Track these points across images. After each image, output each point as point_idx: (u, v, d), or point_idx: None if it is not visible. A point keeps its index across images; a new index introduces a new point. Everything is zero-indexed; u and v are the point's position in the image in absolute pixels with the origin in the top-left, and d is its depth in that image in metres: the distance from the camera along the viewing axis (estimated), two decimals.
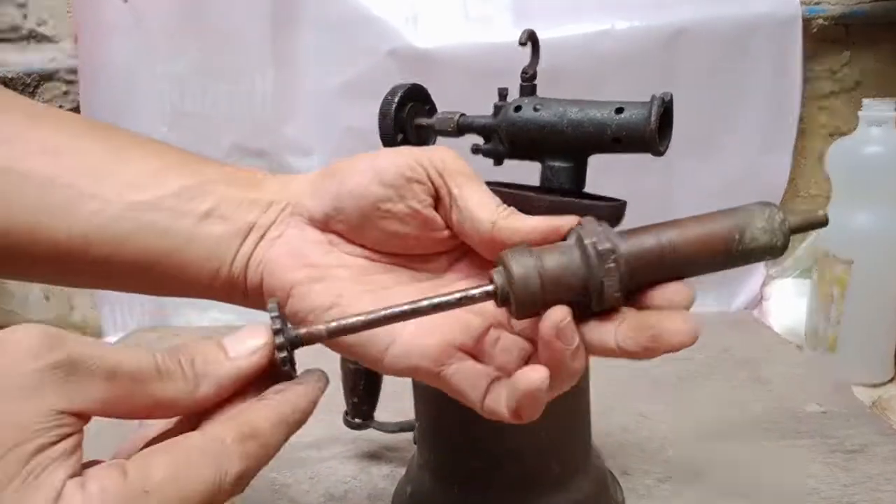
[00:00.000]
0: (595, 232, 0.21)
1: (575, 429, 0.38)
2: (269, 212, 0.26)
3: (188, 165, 0.26)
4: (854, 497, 0.42)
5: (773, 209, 0.22)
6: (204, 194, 0.25)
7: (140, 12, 0.76)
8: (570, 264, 0.21)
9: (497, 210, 0.24)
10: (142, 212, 0.25)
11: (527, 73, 0.36)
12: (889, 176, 0.64)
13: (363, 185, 0.24)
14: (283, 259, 0.25)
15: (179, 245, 0.25)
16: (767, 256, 0.22)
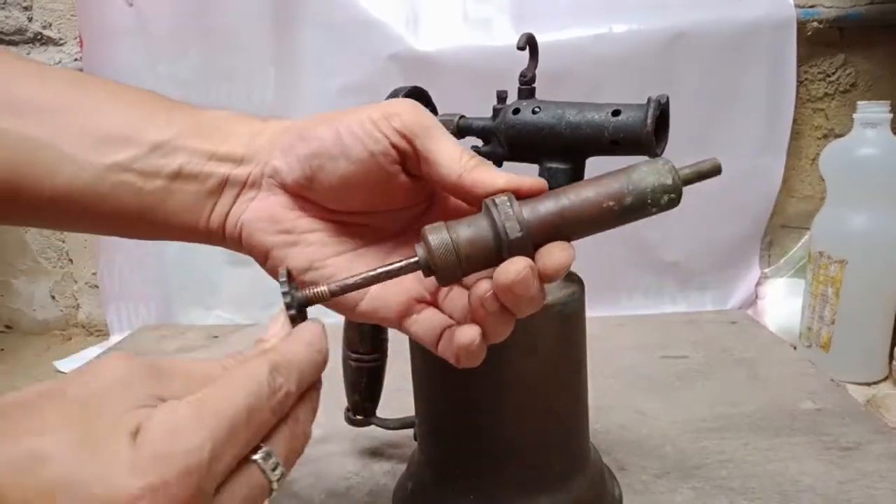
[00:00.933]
0: (503, 203, 0.23)
1: (574, 426, 0.39)
2: (240, 167, 0.27)
3: (158, 116, 0.27)
4: (849, 494, 0.42)
5: (662, 160, 0.24)
6: (174, 151, 0.26)
7: (144, 15, 0.77)
8: (482, 236, 0.23)
9: (461, 161, 0.24)
10: (116, 173, 0.26)
11: (525, 76, 0.36)
12: (883, 177, 0.65)
13: (332, 161, 0.25)
14: (260, 223, 0.27)
15: (154, 202, 0.27)
16: (661, 203, 0.23)
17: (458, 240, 0.23)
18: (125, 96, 0.28)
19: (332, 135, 0.25)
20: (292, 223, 0.27)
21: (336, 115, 0.26)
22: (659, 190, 0.23)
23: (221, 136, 0.27)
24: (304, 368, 0.22)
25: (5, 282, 0.92)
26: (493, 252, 0.23)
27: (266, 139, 0.27)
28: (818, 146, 0.81)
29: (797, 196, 0.84)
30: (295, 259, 0.27)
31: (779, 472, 0.45)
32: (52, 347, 0.89)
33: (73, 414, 0.18)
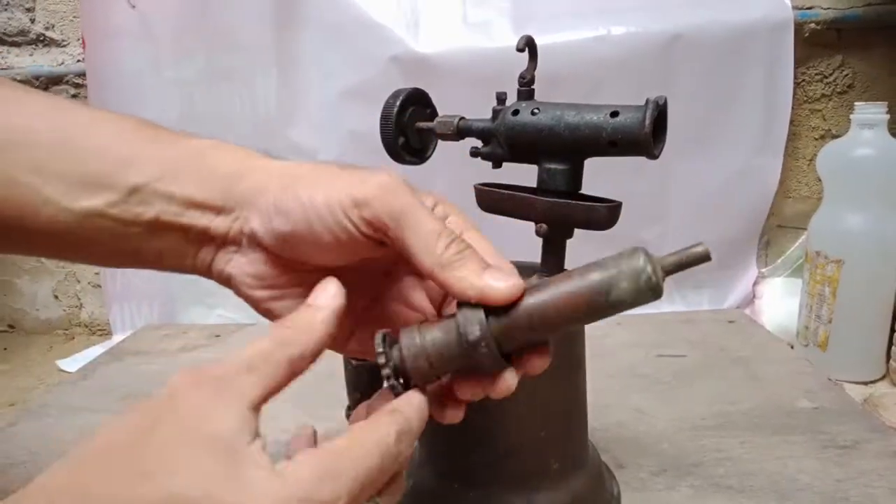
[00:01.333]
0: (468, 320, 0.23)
1: (572, 425, 0.39)
2: (219, 219, 0.26)
3: (139, 154, 0.26)
4: (847, 492, 0.42)
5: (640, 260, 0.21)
6: (152, 197, 0.26)
7: (146, 17, 0.77)
8: (450, 347, 0.23)
9: (437, 254, 0.23)
10: (93, 219, 0.26)
11: (524, 77, 0.36)
12: (880, 178, 0.65)
13: (306, 241, 0.25)
14: (245, 279, 0.27)
15: (136, 248, 0.27)
16: (641, 303, 0.22)
17: (427, 348, 0.24)
18: (104, 128, 0.27)
19: (301, 215, 0.24)
20: (275, 279, 0.27)
21: (312, 182, 0.25)
22: (634, 294, 0.22)
23: (200, 176, 0.26)
24: (417, 435, 0.23)
25: (8, 281, 0.92)
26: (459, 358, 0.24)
27: (246, 189, 0.26)
28: (815, 147, 0.82)
29: (794, 196, 0.85)
30: (284, 310, 0.27)
31: (776, 471, 0.45)
32: (55, 347, 0.89)
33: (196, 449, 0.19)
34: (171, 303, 0.86)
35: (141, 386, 0.64)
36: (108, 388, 0.64)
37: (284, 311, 0.26)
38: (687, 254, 0.22)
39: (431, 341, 0.24)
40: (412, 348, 0.24)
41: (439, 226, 0.23)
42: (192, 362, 0.71)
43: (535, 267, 0.37)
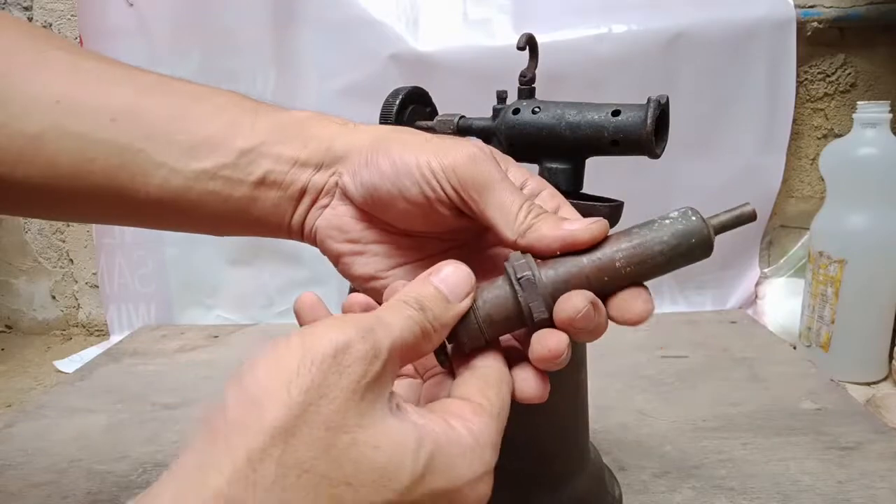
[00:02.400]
0: (521, 266, 0.23)
1: (574, 427, 0.39)
2: (317, 175, 0.28)
3: (243, 121, 0.28)
4: (849, 494, 0.42)
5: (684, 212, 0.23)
6: (259, 158, 0.27)
7: (144, 15, 0.77)
8: (502, 300, 0.23)
9: (515, 226, 0.24)
10: (204, 181, 0.27)
11: (525, 76, 0.36)
12: (882, 177, 0.65)
13: (389, 195, 0.26)
14: (330, 231, 0.28)
15: (240, 208, 0.28)
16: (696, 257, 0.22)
17: (477, 309, 0.23)
18: (210, 100, 0.29)
19: (391, 171, 0.26)
20: (359, 234, 0.28)
21: (401, 145, 0.26)
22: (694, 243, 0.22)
23: (303, 140, 0.28)
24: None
25: (5, 282, 0.92)
26: (514, 310, 0.23)
27: (342, 148, 0.28)
28: (818, 146, 0.82)
29: (797, 196, 0.84)
30: (361, 268, 0.28)
31: (778, 472, 0.45)
32: (53, 347, 0.89)
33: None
34: (168, 303, 0.85)
35: (138, 387, 0.64)
36: (106, 389, 0.64)
37: (361, 268, 0.28)
38: (736, 213, 0.23)
39: (482, 300, 0.23)
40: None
41: (520, 198, 0.24)
42: (190, 363, 0.71)
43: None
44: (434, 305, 0.22)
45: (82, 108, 0.27)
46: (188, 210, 0.28)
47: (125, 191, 0.27)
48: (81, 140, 0.26)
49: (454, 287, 0.22)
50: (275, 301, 0.85)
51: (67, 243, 0.90)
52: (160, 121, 0.27)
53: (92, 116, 0.27)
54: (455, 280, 0.22)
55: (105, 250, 0.85)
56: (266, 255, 0.83)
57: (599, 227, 0.23)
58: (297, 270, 0.82)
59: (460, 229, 0.27)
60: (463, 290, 0.22)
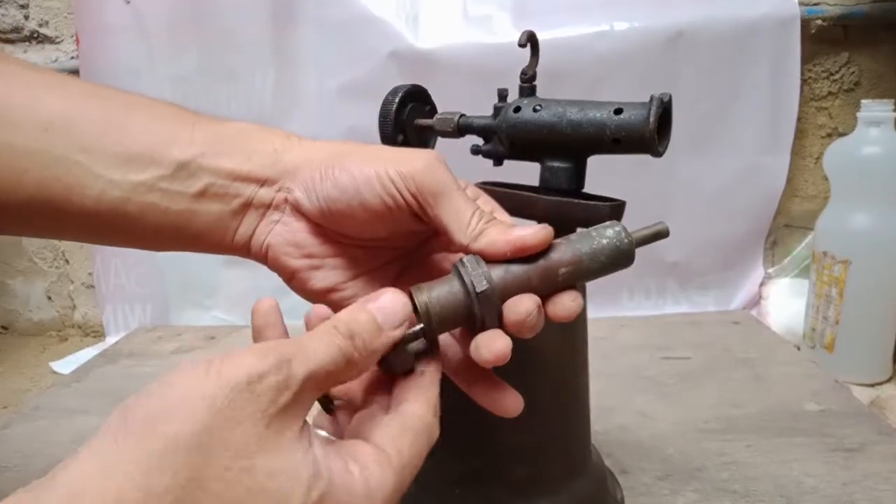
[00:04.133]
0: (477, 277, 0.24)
1: (575, 429, 0.38)
2: (263, 189, 0.27)
3: (181, 133, 0.27)
4: (853, 496, 0.42)
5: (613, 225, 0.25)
6: (199, 171, 0.27)
7: (141, 13, 0.76)
8: (453, 304, 0.24)
9: (468, 231, 0.25)
10: (142, 194, 0.27)
11: (526, 73, 0.36)
12: (887, 176, 0.65)
13: (349, 206, 0.26)
14: (285, 247, 0.28)
15: (181, 222, 0.27)
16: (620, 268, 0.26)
17: (431, 301, 0.24)
18: (147, 111, 0.28)
19: (350, 183, 0.26)
20: (315, 248, 0.28)
21: (357, 156, 0.26)
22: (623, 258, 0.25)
23: (244, 153, 0.27)
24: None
25: (1, 282, 0.92)
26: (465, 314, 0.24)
27: (290, 162, 0.27)
28: (822, 145, 0.81)
29: (801, 195, 0.84)
30: (319, 282, 0.28)
31: (782, 474, 0.45)
32: (49, 348, 0.88)
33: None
34: (165, 304, 0.85)
35: (135, 389, 0.64)
36: (102, 390, 0.64)
37: (319, 283, 0.28)
38: (653, 231, 0.26)
39: (437, 297, 0.24)
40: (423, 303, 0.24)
41: (472, 205, 0.26)
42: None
43: None
44: (364, 332, 0.22)
45: (12, 117, 0.26)
46: (126, 223, 0.27)
47: (60, 203, 0.26)
48: (12, 150, 0.26)
49: (390, 315, 0.23)
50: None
51: (63, 244, 0.90)
52: (95, 131, 0.26)
53: (23, 126, 0.26)
54: (392, 308, 0.23)
55: (101, 251, 0.85)
56: None
57: (546, 233, 0.24)
58: None
59: (412, 235, 0.28)
60: (398, 319, 0.23)
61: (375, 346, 0.22)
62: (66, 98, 0.27)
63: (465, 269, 0.24)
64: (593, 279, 0.26)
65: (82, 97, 0.28)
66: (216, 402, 0.18)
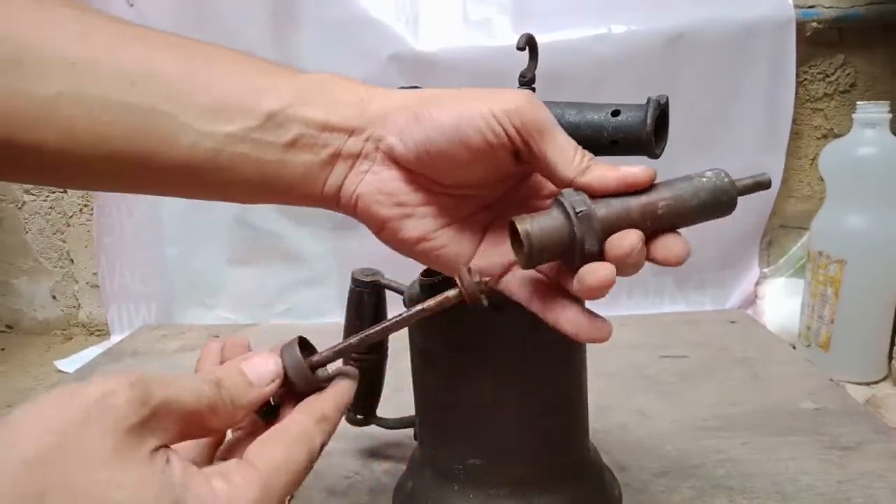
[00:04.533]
0: (578, 202, 0.25)
1: (574, 426, 0.39)
2: (352, 139, 0.27)
3: (266, 83, 0.27)
4: (848, 494, 0.42)
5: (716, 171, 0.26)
6: (287, 122, 0.27)
7: (144, 15, 0.77)
8: (556, 230, 0.25)
9: (574, 165, 0.25)
10: (233, 144, 0.26)
11: (525, 76, 0.36)
12: (882, 177, 0.65)
13: (450, 147, 0.26)
14: (376, 195, 0.28)
15: (271, 172, 0.27)
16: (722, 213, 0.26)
17: (532, 228, 0.24)
18: (231, 61, 0.28)
19: (451, 122, 0.26)
20: (406, 197, 0.28)
21: (452, 98, 0.27)
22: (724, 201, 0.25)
23: (330, 103, 0.27)
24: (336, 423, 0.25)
25: (6, 282, 0.92)
26: (567, 240, 0.24)
27: (377, 111, 0.27)
28: (817, 146, 0.82)
29: (796, 196, 0.84)
30: (410, 230, 0.28)
31: (778, 472, 0.45)
32: (53, 347, 0.89)
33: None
34: (169, 303, 0.86)
35: None
36: None
37: (409, 231, 0.28)
38: (756, 180, 0.26)
39: (539, 224, 0.24)
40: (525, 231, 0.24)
41: (574, 143, 0.26)
42: (191, 363, 0.71)
43: None
44: (232, 385, 0.23)
45: (100, 71, 0.25)
46: (219, 175, 0.27)
47: (150, 155, 0.26)
48: (100, 104, 0.25)
49: (261, 374, 0.24)
50: (275, 301, 0.85)
51: (68, 243, 0.90)
52: (181, 82, 0.26)
53: (111, 79, 0.25)
54: (263, 369, 0.24)
55: (106, 250, 0.85)
56: (267, 255, 0.83)
57: (652, 172, 0.25)
58: (298, 270, 0.82)
59: (504, 179, 0.28)
60: (268, 377, 0.24)
61: (246, 399, 0.23)
62: (150, 50, 0.26)
63: (565, 198, 0.24)
64: (694, 222, 0.26)
65: (166, 48, 0.27)
66: (66, 415, 0.18)
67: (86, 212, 0.88)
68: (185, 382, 0.21)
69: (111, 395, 0.19)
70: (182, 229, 0.83)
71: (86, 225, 0.89)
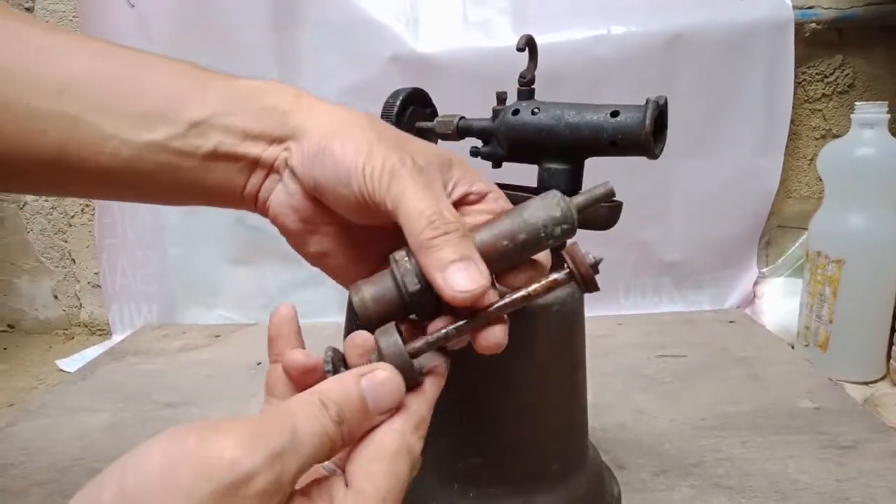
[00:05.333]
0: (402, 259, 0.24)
1: (573, 425, 0.39)
2: (270, 149, 0.27)
3: (194, 91, 0.27)
4: (847, 492, 0.42)
5: (552, 194, 0.25)
6: (211, 130, 0.27)
7: (146, 17, 0.77)
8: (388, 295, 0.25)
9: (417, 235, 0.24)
10: (154, 152, 0.27)
11: (525, 77, 0.36)
12: (880, 178, 0.65)
13: (333, 197, 0.26)
14: (283, 209, 0.28)
15: (192, 179, 0.28)
16: (555, 234, 0.25)
17: (365, 297, 0.24)
18: (162, 69, 0.28)
19: (332, 172, 0.26)
20: (310, 214, 0.28)
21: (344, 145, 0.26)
22: (550, 223, 0.24)
23: (255, 113, 0.27)
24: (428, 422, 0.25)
25: (8, 281, 0.92)
26: (399, 304, 0.24)
27: (296, 124, 0.27)
28: (816, 146, 0.82)
29: (795, 196, 0.85)
30: (314, 246, 0.29)
31: (777, 471, 0.45)
32: (55, 347, 0.89)
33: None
34: (170, 303, 0.86)
35: (140, 386, 0.64)
36: (108, 388, 0.64)
37: (314, 247, 0.29)
38: (593, 191, 0.26)
39: (368, 294, 0.25)
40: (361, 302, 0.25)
41: (426, 207, 0.24)
42: (192, 363, 0.71)
43: None
44: (353, 419, 0.21)
45: (29, 79, 0.26)
46: (138, 181, 0.27)
47: (75, 162, 0.27)
48: (29, 112, 0.26)
49: (381, 401, 0.22)
50: (276, 301, 0.85)
51: (69, 243, 0.90)
52: (109, 91, 0.27)
53: (40, 87, 0.26)
54: (386, 392, 0.22)
55: (107, 250, 0.85)
56: (267, 255, 0.83)
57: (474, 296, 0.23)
58: (298, 270, 0.82)
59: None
60: (388, 405, 0.22)
61: (359, 432, 0.22)
62: (80, 58, 0.27)
63: (397, 265, 0.24)
64: (531, 254, 0.25)
65: (96, 56, 0.27)
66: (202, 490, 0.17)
67: (87, 212, 0.89)
68: (311, 433, 0.20)
69: (247, 483, 0.17)
70: (183, 230, 0.83)
71: (87, 225, 0.89)
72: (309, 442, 0.19)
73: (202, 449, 0.17)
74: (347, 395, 0.21)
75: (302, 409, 0.20)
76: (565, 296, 0.35)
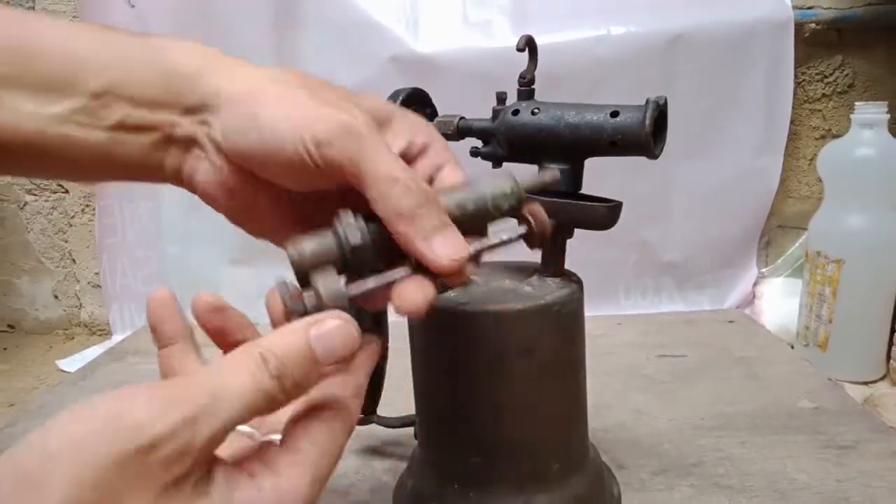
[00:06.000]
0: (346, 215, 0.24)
1: (572, 426, 0.39)
2: (183, 120, 0.25)
3: (99, 58, 0.25)
4: (846, 492, 0.42)
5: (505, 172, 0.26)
6: (113, 102, 0.25)
7: (146, 16, 0.77)
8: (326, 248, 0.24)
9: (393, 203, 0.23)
10: (57, 126, 0.25)
11: (525, 77, 0.37)
12: (880, 178, 0.65)
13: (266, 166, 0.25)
14: (211, 187, 0.26)
15: (101, 154, 0.26)
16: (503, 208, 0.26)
17: (302, 248, 0.23)
18: (61, 33, 0.26)
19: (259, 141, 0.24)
20: (243, 187, 0.26)
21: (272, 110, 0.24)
22: (499, 196, 0.26)
23: (161, 77, 0.25)
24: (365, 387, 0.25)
25: (8, 282, 0.92)
26: (336, 259, 0.23)
27: (209, 92, 0.25)
28: (816, 147, 0.82)
29: (795, 196, 0.85)
30: (251, 222, 0.27)
31: (776, 471, 0.45)
32: (55, 347, 0.89)
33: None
34: None
35: None
36: (108, 388, 0.64)
37: (251, 223, 0.27)
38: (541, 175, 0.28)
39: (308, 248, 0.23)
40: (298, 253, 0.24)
41: (398, 171, 0.23)
42: None
43: (535, 266, 0.37)
44: (297, 369, 0.20)
45: None
46: (44, 155, 0.26)
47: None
48: None
49: (331, 349, 0.20)
50: None
51: (70, 243, 0.90)
52: (7, 61, 0.25)
53: None
54: (338, 341, 0.21)
55: (107, 250, 0.85)
56: (267, 255, 0.83)
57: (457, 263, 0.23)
58: None
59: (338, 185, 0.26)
60: (341, 353, 0.21)
61: (307, 383, 0.20)
62: None
63: (339, 220, 0.23)
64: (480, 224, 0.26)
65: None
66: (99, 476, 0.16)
67: (87, 212, 0.89)
68: (240, 388, 0.19)
69: (150, 450, 0.17)
70: (183, 229, 0.83)
71: (87, 225, 0.89)
72: (236, 402, 0.19)
73: (113, 411, 0.17)
74: (291, 348, 0.20)
75: (233, 367, 0.19)
76: (565, 295, 0.35)
